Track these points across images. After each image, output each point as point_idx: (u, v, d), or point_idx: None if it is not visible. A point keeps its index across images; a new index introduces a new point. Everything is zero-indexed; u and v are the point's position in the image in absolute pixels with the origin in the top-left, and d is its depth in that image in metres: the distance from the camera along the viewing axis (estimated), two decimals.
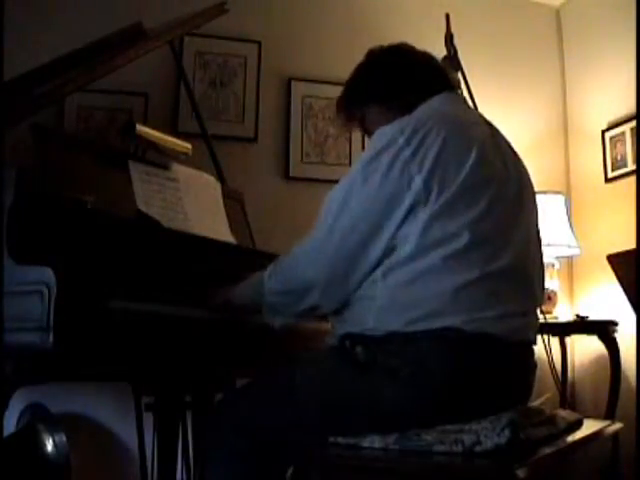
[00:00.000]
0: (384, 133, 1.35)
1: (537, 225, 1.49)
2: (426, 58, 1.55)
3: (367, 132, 1.59)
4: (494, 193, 1.34)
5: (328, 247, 1.33)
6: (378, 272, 1.31)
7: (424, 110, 1.43)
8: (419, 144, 1.30)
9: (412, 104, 1.45)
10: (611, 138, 3.05)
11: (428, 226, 1.27)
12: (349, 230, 1.32)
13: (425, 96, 1.46)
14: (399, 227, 1.29)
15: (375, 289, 1.30)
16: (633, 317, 2.20)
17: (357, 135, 2.97)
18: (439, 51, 1.59)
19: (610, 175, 3.04)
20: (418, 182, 1.28)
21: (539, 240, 1.49)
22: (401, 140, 1.31)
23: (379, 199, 1.30)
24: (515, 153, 1.50)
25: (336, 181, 1.38)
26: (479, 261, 1.28)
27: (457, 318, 1.24)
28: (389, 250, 1.30)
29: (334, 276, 1.34)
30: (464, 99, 1.62)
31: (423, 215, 1.28)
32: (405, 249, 1.28)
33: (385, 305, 1.28)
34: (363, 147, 2.89)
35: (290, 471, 1.37)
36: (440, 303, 1.25)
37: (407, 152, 1.30)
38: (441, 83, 1.52)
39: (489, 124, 1.49)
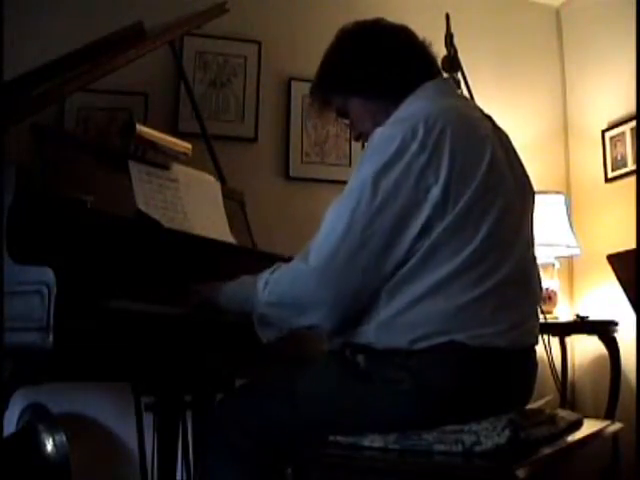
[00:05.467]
0: (392, 136, 1.24)
1: (532, 229, 1.44)
2: (405, 39, 1.44)
3: (342, 116, 1.49)
4: (504, 200, 1.28)
5: (336, 265, 1.22)
6: (382, 287, 1.25)
7: (426, 105, 1.32)
8: (434, 148, 1.21)
9: (397, 96, 1.36)
10: (611, 138, 3.05)
11: (437, 243, 1.21)
12: (359, 247, 1.21)
13: (410, 85, 1.37)
14: (415, 241, 1.21)
15: (378, 304, 1.25)
16: (633, 317, 2.20)
17: None
18: (439, 51, 1.58)
19: (610, 175, 3.04)
20: (436, 193, 1.20)
21: (533, 243, 1.43)
22: (415, 145, 1.21)
23: (392, 213, 1.21)
24: (514, 150, 1.45)
25: (336, 181, 1.34)
26: (484, 275, 1.23)
27: (462, 334, 1.21)
28: (401, 264, 1.23)
29: (343, 296, 1.23)
30: (455, 86, 1.54)
31: (438, 228, 1.21)
32: (412, 264, 1.22)
33: (388, 322, 1.24)
34: (363, 146, 2.89)
35: (289, 471, 1.37)
36: (444, 322, 1.21)
37: (422, 159, 1.20)
38: (426, 68, 1.42)
39: (489, 117, 1.43)
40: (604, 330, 2.68)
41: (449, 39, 2.27)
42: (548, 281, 2.76)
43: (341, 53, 1.46)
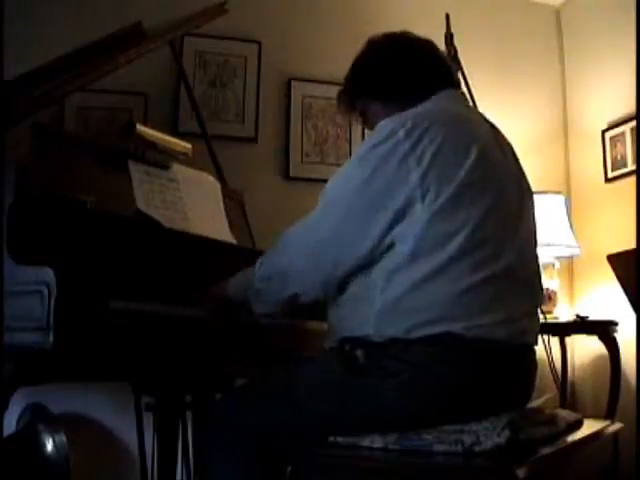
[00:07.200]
0: (385, 126, 1.34)
1: (535, 229, 1.48)
2: (429, 51, 1.52)
3: (366, 124, 1.59)
4: (496, 194, 1.33)
5: (315, 234, 1.33)
6: (378, 275, 1.28)
7: (425, 106, 1.41)
8: (418, 139, 1.29)
9: (413, 102, 1.43)
10: (611, 138, 3.04)
11: (428, 226, 1.25)
12: (340, 218, 1.31)
13: (427, 93, 1.45)
14: (393, 223, 1.27)
15: (375, 293, 1.28)
16: (633, 317, 2.20)
17: (357, 135, 2.97)
18: None
19: (610, 175, 3.04)
20: (415, 177, 1.27)
21: (535, 243, 1.47)
22: (401, 133, 1.29)
23: (373, 189, 1.29)
24: (515, 155, 1.49)
25: None
26: (482, 263, 1.26)
27: (458, 324, 1.23)
28: (385, 248, 1.28)
29: (316, 264, 1.33)
30: (465, 97, 1.61)
31: (423, 214, 1.25)
32: (405, 250, 1.26)
33: (385, 311, 1.27)
34: None
35: (289, 471, 1.37)
36: (442, 309, 1.23)
37: (406, 145, 1.28)
38: (443, 80, 1.50)
39: (491, 124, 1.48)
40: (604, 330, 2.67)
41: (449, 39, 2.27)
42: (548, 281, 2.76)
43: (367, 61, 1.54)
